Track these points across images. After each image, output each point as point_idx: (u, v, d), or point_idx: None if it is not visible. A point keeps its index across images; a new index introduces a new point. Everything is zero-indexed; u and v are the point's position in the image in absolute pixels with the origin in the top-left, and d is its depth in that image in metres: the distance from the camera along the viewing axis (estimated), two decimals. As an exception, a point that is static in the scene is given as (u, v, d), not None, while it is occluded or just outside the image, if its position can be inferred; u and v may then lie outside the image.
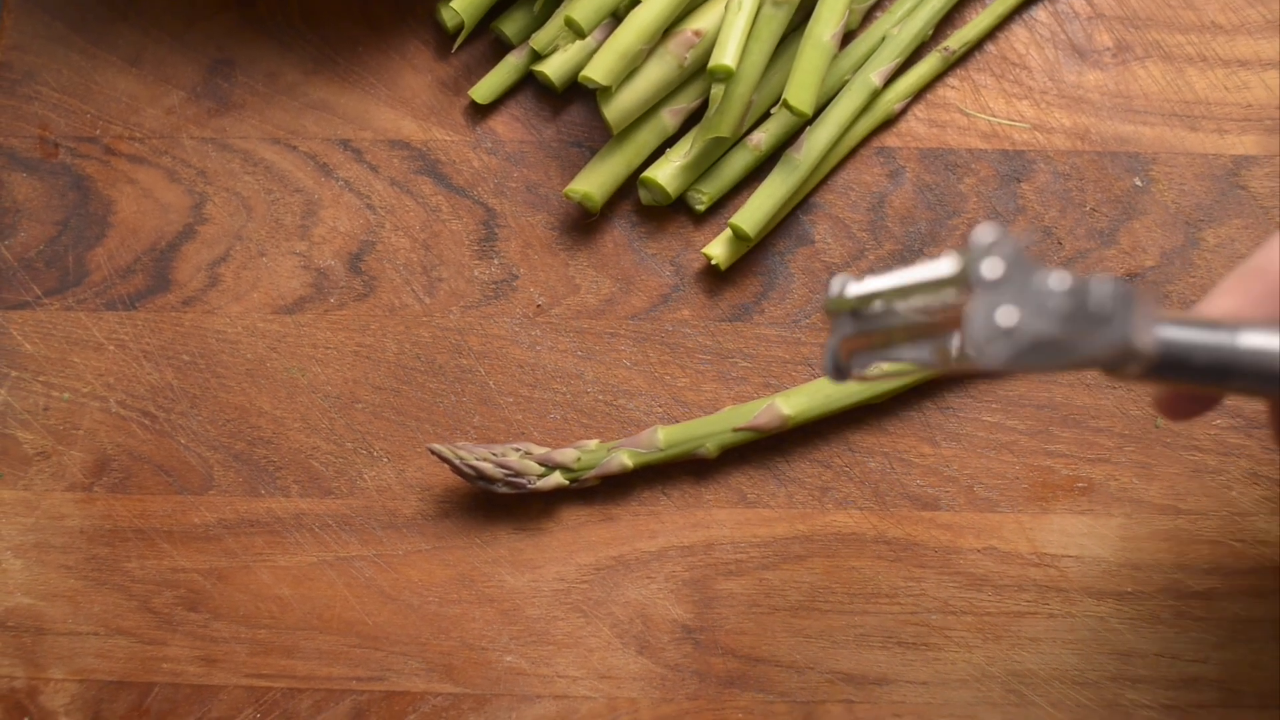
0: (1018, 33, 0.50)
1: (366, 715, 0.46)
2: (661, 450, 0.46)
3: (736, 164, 0.48)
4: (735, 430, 0.46)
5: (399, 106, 0.50)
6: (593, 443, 0.46)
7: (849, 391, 0.46)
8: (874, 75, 0.48)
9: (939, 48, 0.49)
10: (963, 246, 0.30)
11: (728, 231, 0.47)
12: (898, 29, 0.49)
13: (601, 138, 0.50)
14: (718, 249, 0.47)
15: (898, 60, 0.48)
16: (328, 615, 0.47)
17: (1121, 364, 0.30)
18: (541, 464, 0.46)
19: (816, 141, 0.47)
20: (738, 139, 0.48)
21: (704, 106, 0.48)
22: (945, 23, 0.50)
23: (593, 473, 0.46)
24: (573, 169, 0.49)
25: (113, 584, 0.48)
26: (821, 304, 0.47)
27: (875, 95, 0.48)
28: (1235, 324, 0.31)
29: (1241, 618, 0.45)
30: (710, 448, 0.46)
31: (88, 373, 0.49)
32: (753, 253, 0.49)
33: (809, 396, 0.46)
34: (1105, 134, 0.49)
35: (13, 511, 0.48)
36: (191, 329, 0.49)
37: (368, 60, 0.50)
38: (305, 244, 0.49)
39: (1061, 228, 0.48)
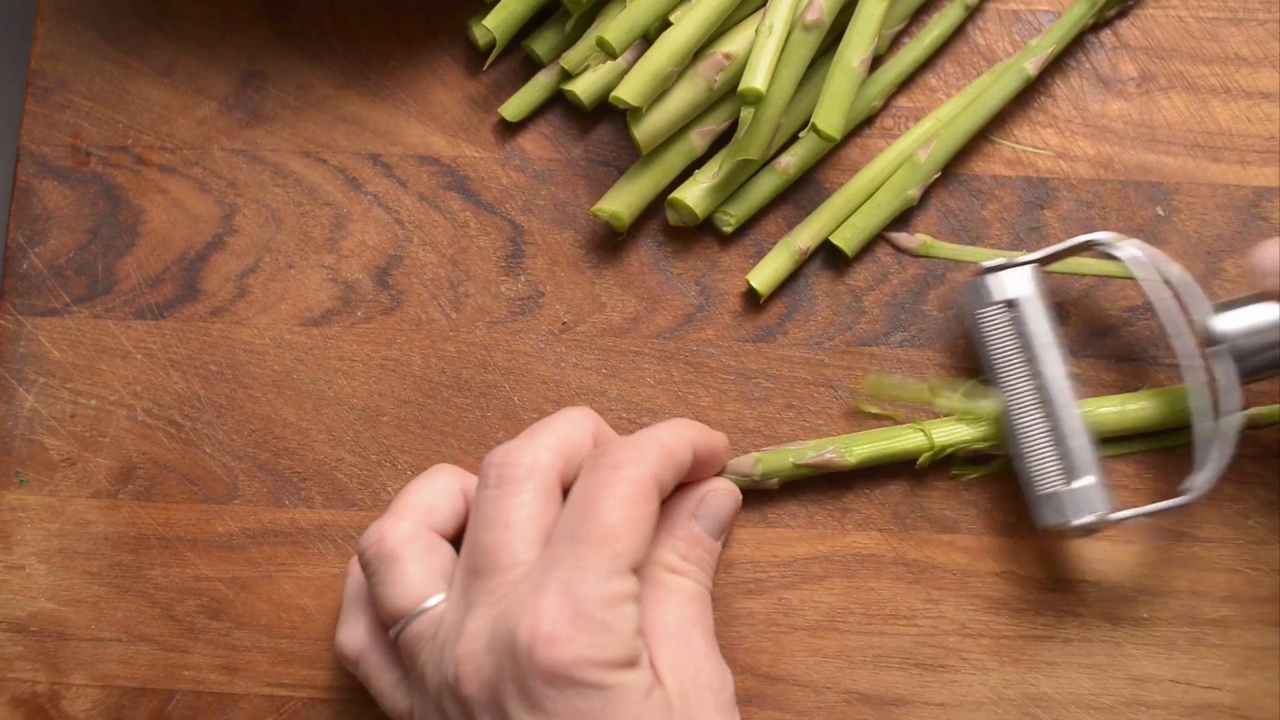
0: (1043, 61, 0.50)
1: (387, 726, 0.46)
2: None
3: (764, 187, 0.48)
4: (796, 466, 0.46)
5: (429, 122, 0.50)
6: None
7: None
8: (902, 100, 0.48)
9: (965, 74, 0.50)
10: None
11: (770, 257, 0.48)
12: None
13: (629, 157, 0.50)
14: (758, 277, 0.48)
15: (924, 86, 0.49)
16: (350, 626, 0.47)
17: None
18: None
19: (843, 165, 0.48)
20: (766, 162, 0.48)
21: (733, 129, 0.48)
22: (971, 50, 0.50)
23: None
24: (600, 188, 0.50)
25: (136, 591, 0.48)
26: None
27: (901, 120, 0.49)
28: None
29: (1256, 645, 0.46)
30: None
31: (115, 381, 0.49)
32: (777, 274, 0.49)
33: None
34: (1128, 163, 0.49)
35: (38, 517, 0.49)
36: (219, 339, 0.49)
37: (399, 75, 0.51)
38: (333, 257, 0.50)
39: (1084, 255, 0.49)
